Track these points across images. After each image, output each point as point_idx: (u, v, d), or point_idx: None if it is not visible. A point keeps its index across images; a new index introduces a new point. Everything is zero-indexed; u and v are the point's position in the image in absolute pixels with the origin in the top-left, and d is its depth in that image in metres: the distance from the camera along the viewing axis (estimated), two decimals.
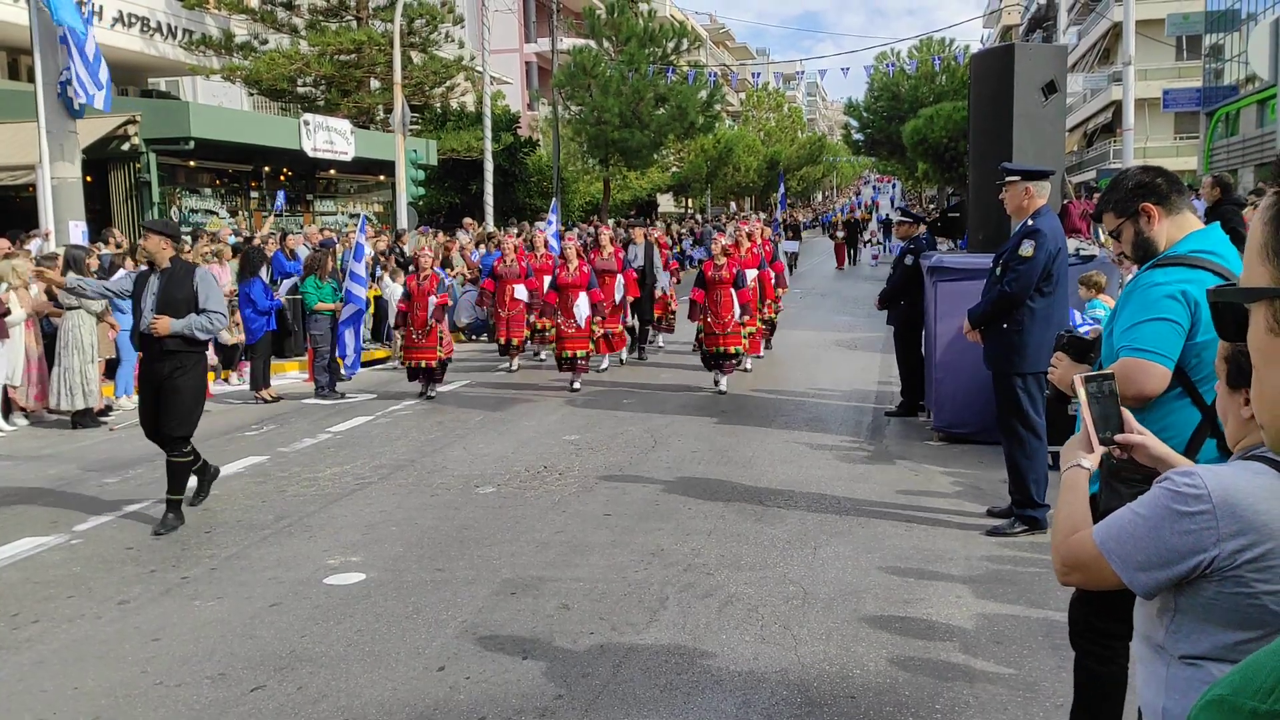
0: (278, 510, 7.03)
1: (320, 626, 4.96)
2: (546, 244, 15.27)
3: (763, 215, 39.41)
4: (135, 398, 11.16)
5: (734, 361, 11.41)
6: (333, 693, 4.25)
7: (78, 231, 12.88)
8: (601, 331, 12.32)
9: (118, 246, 12.70)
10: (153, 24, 23.88)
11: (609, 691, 4.20)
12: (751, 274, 12.34)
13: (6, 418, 10.33)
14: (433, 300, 11.38)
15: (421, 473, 8.01)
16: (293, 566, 5.85)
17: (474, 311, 15.81)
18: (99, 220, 15.46)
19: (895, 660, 4.44)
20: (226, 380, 12.89)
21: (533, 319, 13.31)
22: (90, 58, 12.53)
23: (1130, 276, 3.33)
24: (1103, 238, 13.32)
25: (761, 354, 13.50)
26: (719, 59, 61.80)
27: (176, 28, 24.72)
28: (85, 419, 10.16)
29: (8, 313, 10.04)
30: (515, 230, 19.67)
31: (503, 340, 13.38)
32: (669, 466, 8.03)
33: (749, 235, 13.24)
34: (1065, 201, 11.85)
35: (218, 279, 13.38)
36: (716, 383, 11.32)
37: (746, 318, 11.47)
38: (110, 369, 11.08)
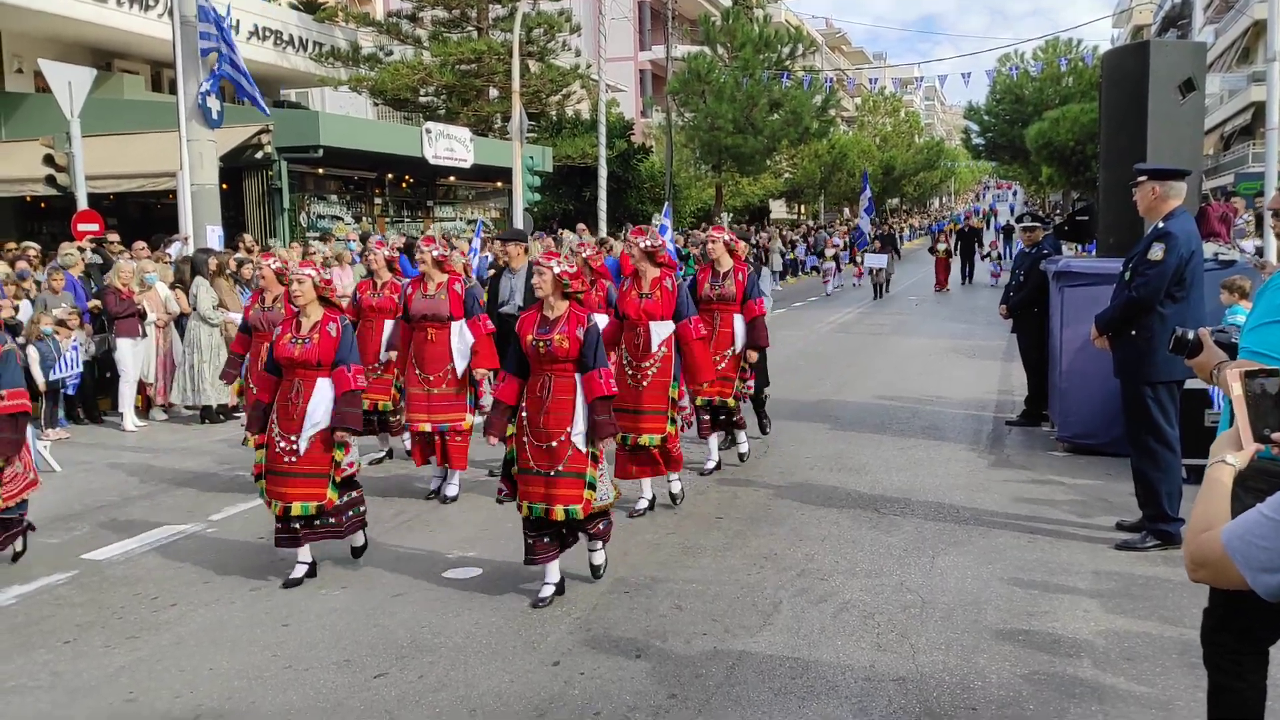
0: (397, 505, 7.22)
1: (440, 618, 5.07)
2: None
3: (726, 220, 34.71)
4: None
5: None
6: (452, 682, 4.35)
7: (214, 236, 13.52)
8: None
9: (248, 251, 13.24)
10: (285, 37, 24.90)
11: (722, 693, 4.19)
12: (662, 330, 6.81)
13: (147, 413, 10.90)
14: None
15: None
16: (413, 559, 6.00)
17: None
18: (233, 225, 16.17)
19: (1019, 673, 4.31)
20: None
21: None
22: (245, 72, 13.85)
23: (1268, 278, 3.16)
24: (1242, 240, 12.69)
25: (743, 446, 8.31)
26: (834, 64, 61.12)
27: (307, 40, 25.73)
28: (213, 414, 10.61)
29: (144, 314, 10.60)
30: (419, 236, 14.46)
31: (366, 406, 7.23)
32: (781, 471, 7.97)
33: (650, 253, 6.88)
34: (1202, 204, 11.34)
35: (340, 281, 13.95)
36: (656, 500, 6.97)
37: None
38: None
